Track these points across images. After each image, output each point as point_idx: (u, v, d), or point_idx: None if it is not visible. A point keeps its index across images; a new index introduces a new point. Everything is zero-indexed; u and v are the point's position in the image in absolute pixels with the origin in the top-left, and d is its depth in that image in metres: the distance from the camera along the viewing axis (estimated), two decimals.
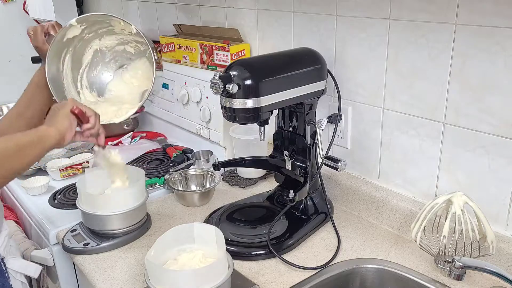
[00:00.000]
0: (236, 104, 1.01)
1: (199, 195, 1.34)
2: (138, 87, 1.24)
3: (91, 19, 1.19)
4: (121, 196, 1.16)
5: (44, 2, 1.79)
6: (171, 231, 0.98)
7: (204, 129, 1.62)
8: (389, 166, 1.21)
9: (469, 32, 0.95)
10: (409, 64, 1.08)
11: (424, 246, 1.01)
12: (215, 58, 1.54)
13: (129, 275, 1.05)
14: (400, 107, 1.13)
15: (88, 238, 1.16)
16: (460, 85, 1.00)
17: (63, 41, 1.20)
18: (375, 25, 1.13)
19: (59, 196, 1.42)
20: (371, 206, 1.22)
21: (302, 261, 1.07)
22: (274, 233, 1.13)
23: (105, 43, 1.25)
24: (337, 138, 1.30)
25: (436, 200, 0.98)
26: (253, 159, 1.30)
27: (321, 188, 1.23)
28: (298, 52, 1.16)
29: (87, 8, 2.52)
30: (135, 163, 1.64)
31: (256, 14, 1.47)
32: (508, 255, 0.97)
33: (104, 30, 1.24)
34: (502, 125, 0.95)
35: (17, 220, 1.47)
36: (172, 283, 0.87)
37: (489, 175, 1.00)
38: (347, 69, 1.23)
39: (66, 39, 1.21)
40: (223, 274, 0.90)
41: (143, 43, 1.24)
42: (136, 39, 1.25)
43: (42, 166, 1.56)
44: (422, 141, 1.11)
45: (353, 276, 1.06)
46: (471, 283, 0.98)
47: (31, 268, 1.19)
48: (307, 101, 1.13)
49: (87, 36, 1.23)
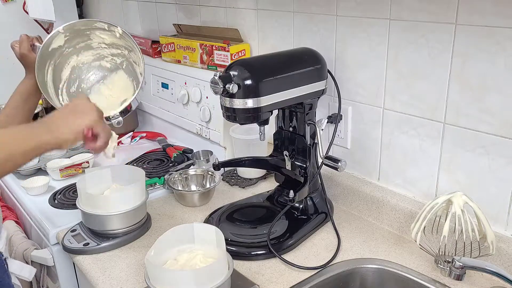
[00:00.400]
0: (236, 104, 1.01)
1: (199, 195, 1.34)
2: (117, 98, 1.27)
3: (75, 27, 1.21)
4: (121, 196, 1.16)
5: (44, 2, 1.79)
6: (171, 231, 0.98)
7: (204, 129, 1.62)
8: (389, 166, 1.21)
9: (469, 32, 0.95)
10: (409, 64, 1.08)
11: (424, 246, 1.01)
12: (215, 58, 1.54)
13: (129, 275, 1.05)
14: (400, 107, 1.13)
15: (88, 238, 1.16)
16: (460, 85, 1.00)
17: (49, 50, 1.21)
18: (375, 25, 1.13)
19: (59, 196, 1.42)
20: (371, 206, 1.22)
21: (302, 261, 1.07)
22: (274, 233, 1.13)
23: (82, 59, 1.27)
24: (337, 138, 1.30)
25: (436, 200, 0.98)
26: (253, 159, 1.30)
27: (321, 188, 1.23)
28: (298, 52, 1.16)
29: (87, 8, 2.52)
30: (135, 163, 1.64)
31: (256, 14, 1.47)
32: (508, 255, 0.97)
33: (82, 45, 1.26)
34: (502, 125, 0.95)
35: (17, 220, 1.47)
36: (172, 283, 0.87)
37: (489, 175, 1.00)
38: (347, 69, 1.23)
39: (51, 49, 1.21)
40: (223, 274, 0.90)
41: (119, 55, 1.27)
42: (112, 52, 1.27)
43: (42, 166, 1.56)
44: (422, 141, 1.11)
45: (353, 276, 1.06)
46: (471, 283, 0.98)
47: (25, 270, 1.19)
48: (307, 101, 1.13)
49: (66, 51, 1.25)
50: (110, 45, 1.27)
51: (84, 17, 2.55)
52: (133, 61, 1.27)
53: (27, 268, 1.20)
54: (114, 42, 1.26)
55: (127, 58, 1.27)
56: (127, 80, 1.28)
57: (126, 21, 2.19)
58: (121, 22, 2.23)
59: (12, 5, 2.22)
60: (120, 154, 1.73)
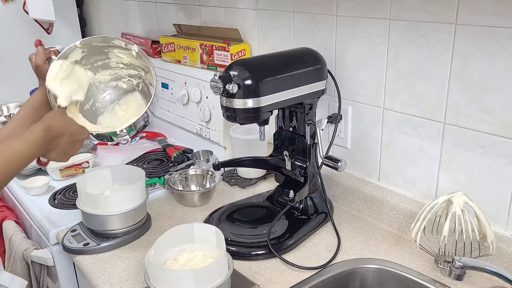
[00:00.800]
0: (236, 104, 1.01)
1: (199, 195, 1.34)
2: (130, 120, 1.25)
3: (93, 43, 1.19)
4: (121, 196, 1.16)
5: (44, 2, 1.79)
6: (171, 231, 0.98)
7: (204, 129, 1.62)
8: (389, 166, 1.21)
9: (469, 32, 0.95)
10: (409, 64, 1.08)
11: (424, 246, 1.01)
12: (215, 58, 1.54)
13: (129, 275, 1.05)
14: (400, 107, 1.13)
15: (88, 238, 1.16)
16: (460, 85, 1.00)
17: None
18: (375, 25, 1.13)
19: (59, 196, 1.42)
20: (371, 206, 1.22)
21: (302, 261, 1.07)
22: (274, 233, 1.13)
23: (99, 78, 1.25)
24: (337, 138, 1.30)
25: (436, 200, 0.98)
26: (253, 159, 1.30)
27: (321, 188, 1.23)
28: (298, 52, 1.16)
29: (87, 8, 2.52)
30: (135, 163, 1.64)
31: (256, 14, 1.47)
32: (508, 255, 0.97)
33: (100, 64, 1.23)
34: (502, 125, 0.95)
35: (17, 220, 1.47)
36: (172, 283, 0.87)
37: (489, 175, 1.00)
38: (347, 69, 1.23)
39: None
40: (223, 274, 0.90)
41: (136, 76, 1.25)
42: (129, 72, 1.25)
43: (42, 166, 1.56)
44: (422, 141, 1.11)
45: (353, 276, 1.06)
46: (471, 283, 0.98)
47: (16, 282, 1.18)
48: (307, 101, 1.13)
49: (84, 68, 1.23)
50: (128, 65, 1.24)
51: (84, 17, 2.56)
52: (149, 83, 1.25)
53: (18, 280, 1.19)
54: (131, 62, 1.23)
55: (144, 80, 1.25)
56: (141, 101, 1.26)
57: (126, 21, 2.19)
58: (121, 22, 2.23)
59: (12, 5, 2.22)
60: (120, 154, 1.73)
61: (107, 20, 2.36)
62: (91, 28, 2.56)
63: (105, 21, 2.39)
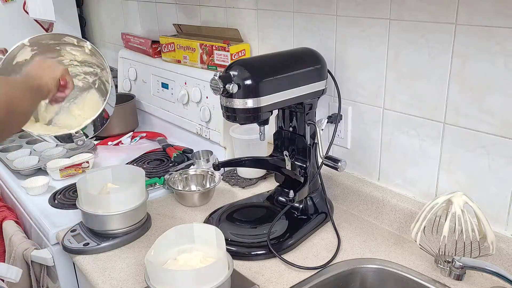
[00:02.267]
0: (236, 104, 1.01)
1: (199, 195, 1.34)
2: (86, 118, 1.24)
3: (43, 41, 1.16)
4: (121, 196, 1.16)
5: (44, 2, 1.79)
6: (171, 231, 0.98)
7: (204, 129, 1.62)
8: (389, 166, 1.21)
9: (469, 32, 0.95)
10: (409, 64, 1.08)
11: (424, 246, 1.01)
12: (215, 58, 1.54)
13: (129, 275, 1.05)
14: (400, 107, 1.13)
15: (88, 238, 1.16)
16: (460, 85, 1.00)
17: (13, 63, 1.16)
18: (375, 25, 1.13)
19: (59, 196, 1.42)
20: (371, 206, 1.22)
21: (302, 261, 1.07)
22: (274, 233, 1.13)
23: None
24: (337, 138, 1.30)
25: (436, 200, 0.98)
26: (253, 159, 1.30)
27: (321, 188, 1.23)
28: (298, 52, 1.16)
29: (87, 8, 2.52)
30: (135, 163, 1.64)
31: (256, 14, 1.47)
32: (508, 255, 0.97)
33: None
34: (502, 125, 0.95)
35: (17, 220, 1.47)
36: (172, 283, 0.87)
37: (489, 175, 1.00)
38: (347, 69, 1.23)
39: (16, 62, 1.16)
40: (223, 274, 0.90)
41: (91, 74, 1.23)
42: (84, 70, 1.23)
43: (42, 166, 1.56)
44: (422, 141, 1.11)
45: (353, 276, 1.06)
46: (471, 283, 0.98)
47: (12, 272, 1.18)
48: (307, 101, 1.13)
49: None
50: (82, 62, 1.20)
51: (84, 17, 2.56)
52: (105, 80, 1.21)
53: (14, 269, 1.19)
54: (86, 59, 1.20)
55: (100, 77, 1.22)
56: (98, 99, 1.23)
57: (126, 21, 2.19)
58: (121, 22, 2.23)
59: (12, 5, 2.22)
60: (120, 154, 1.73)
61: (107, 20, 2.36)
62: (91, 28, 2.56)
63: (105, 21, 2.39)
